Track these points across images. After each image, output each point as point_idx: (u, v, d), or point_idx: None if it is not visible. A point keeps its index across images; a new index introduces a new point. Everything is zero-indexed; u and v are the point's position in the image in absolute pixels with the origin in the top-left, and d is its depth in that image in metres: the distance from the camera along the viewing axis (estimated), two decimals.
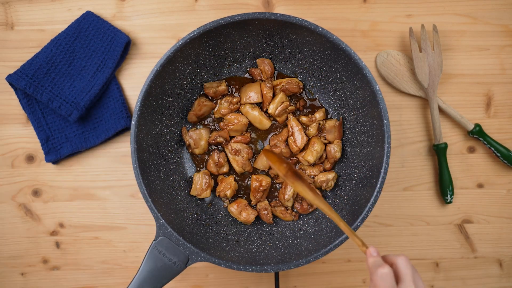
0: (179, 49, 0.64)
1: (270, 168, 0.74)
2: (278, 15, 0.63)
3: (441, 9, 0.78)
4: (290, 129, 0.74)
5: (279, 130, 0.75)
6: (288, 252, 0.68)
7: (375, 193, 0.63)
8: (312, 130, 0.74)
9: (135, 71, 0.77)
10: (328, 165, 0.74)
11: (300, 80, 0.75)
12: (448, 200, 0.76)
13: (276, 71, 0.75)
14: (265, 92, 0.73)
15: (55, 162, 0.76)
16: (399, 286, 0.47)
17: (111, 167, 0.77)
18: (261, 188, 0.73)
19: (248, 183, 0.75)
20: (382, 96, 0.63)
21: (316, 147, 0.73)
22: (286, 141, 0.74)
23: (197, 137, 0.73)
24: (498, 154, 0.75)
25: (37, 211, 0.76)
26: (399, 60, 0.77)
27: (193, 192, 0.73)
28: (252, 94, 0.74)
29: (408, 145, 0.78)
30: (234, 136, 0.74)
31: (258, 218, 0.75)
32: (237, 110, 0.75)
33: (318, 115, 0.74)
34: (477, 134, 0.75)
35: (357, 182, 0.70)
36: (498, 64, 0.78)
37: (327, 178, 0.72)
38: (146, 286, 0.60)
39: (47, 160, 0.74)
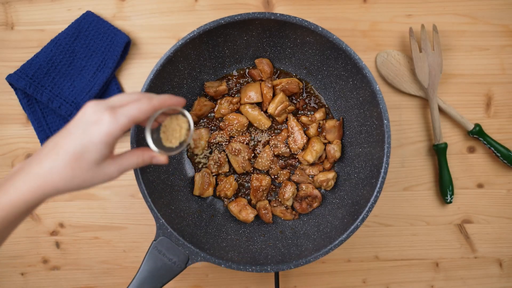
0: (179, 49, 0.64)
1: (270, 168, 0.74)
2: (278, 15, 0.63)
3: (441, 9, 0.78)
4: (290, 129, 0.74)
5: (279, 130, 0.75)
6: (288, 252, 0.68)
7: (375, 193, 0.63)
8: (312, 130, 0.74)
9: (135, 71, 0.77)
10: (327, 165, 0.74)
11: (300, 80, 0.75)
12: (448, 200, 0.76)
13: (277, 71, 0.75)
14: (265, 92, 0.73)
15: None
16: None
17: None
18: (261, 187, 0.73)
19: (248, 184, 0.75)
20: (382, 96, 0.63)
21: (316, 147, 0.73)
22: (286, 141, 0.74)
23: (197, 137, 0.73)
24: (498, 154, 0.75)
25: (37, 211, 0.76)
26: (399, 60, 0.77)
27: (196, 191, 0.73)
28: (252, 94, 0.74)
29: (408, 145, 0.78)
30: (234, 136, 0.74)
31: (258, 217, 0.75)
32: (237, 110, 0.75)
33: (318, 115, 0.74)
34: (477, 134, 0.75)
35: (357, 182, 0.70)
36: (498, 64, 0.78)
37: (327, 177, 0.72)
38: (146, 286, 0.60)
39: None
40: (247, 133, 0.75)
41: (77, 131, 0.45)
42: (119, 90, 0.75)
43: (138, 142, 0.64)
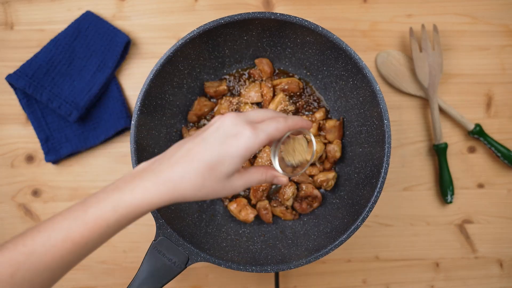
0: (179, 49, 0.64)
1: None
2: (278, 14, 0.63)
3: (442, 9, 0.78)
4: None
5: None
6: (288, 252, 0.67)
7: (375, 193, 0.63)
8: (312, 130, 0.74)
9: (135, 71, 0.77)
10: (328, 165, 0.74)
11: (300, 80, 0.75)
12: (449, 200, 0.76)
13: (277, 71, 0.75)
14: (265, 92, 0.73)
15: (55, 162, 0.76)
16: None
17: (111, 167, 0.77)
18: (261, 187, 0.73)
19: None
20: (382, 96, 0.63)
21: (316, 147, 0.72)
22: None
23: None
24: (499, 154, 0.75)
25: (37, 211, 0.76)
26: (399, 60, 0.77)
27: None
28: (252, 94, 0.74)
29: (408, 145, 0.78)
30: None
31: (258, 217, 0.75)
32: (237, 110, 0.75)
33: (318, 115, 0.74)
34: (478, 134, 0.75)
35: (357, 182, 0.70)
36: (498, 64, 0.78)
37: (327, 177, 0.72)
38: (146, 286, 0.60)
39: (47, 160, 0.74)
40: None
41: (214, 141, 0.44)
42: (119, 90, 0.75)
43: (138, 142, 0.64)
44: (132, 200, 0.42)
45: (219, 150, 0.43)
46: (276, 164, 0.49)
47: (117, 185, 0.43)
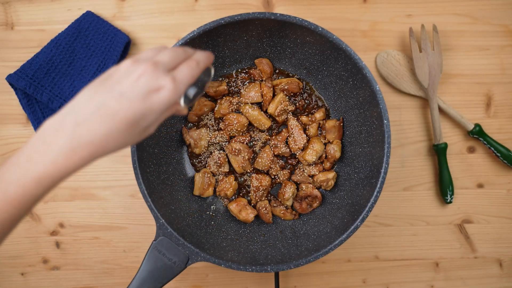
0: None
1: (270, 168, 0.74)
2: (278, 15, 0.63)
3: (441, 9, 0.78)
4: (290, 129, 0.74)
5: (279, 130, 0.75)
6: (288, 252, 0.68)
7: (375, 193, 0.63)
8: (312, 130, 0.74)
9: None
10: (327, 165, 0.74)
11: (300, 80, 0.75)
12: (448, 200, 0.76)
13: (277, 71, 0.75)
14: (265, 92, 0.73)
15: None
16: None
17: (111, 167, 0.77)
18: (261, 187, 0.73)
19: (248, 184, 0.75)
20: (382, 96, 0.63)
21: (316, 147, 0.73)
22: (286, 141, 0.74)
23: (198, 137, 0.73)
24: (498, 154, 0.75)
25: (37, 211, 0.76)
26: (399, 60, 0.77)
27: (196, 191, 0.73)
28: (252, 94, 0.74)
29: (408, 145, 0.78)
30: (234, 136, 0.74)
31: (258, 217, 0.75)
32: (237, 110, 0.75)
33: (318, 115, 0.74)
34: (477, 134, 0.75)
35: (357, 182, 0.70)
36: (498, 64, 0.78)
37: (327, 177, 0.73)
38: (146, 286, 0.60)
39: None
40: (247, 133, 0.75)
41: (135, 97, 0.41)
42: None
43: (138, 142, 0.64)
44: (54, 172, 0.40)
45: (141, 107, 0.41)
46: (182, 101, 0.49)
47: (32, 156, 0.41)
